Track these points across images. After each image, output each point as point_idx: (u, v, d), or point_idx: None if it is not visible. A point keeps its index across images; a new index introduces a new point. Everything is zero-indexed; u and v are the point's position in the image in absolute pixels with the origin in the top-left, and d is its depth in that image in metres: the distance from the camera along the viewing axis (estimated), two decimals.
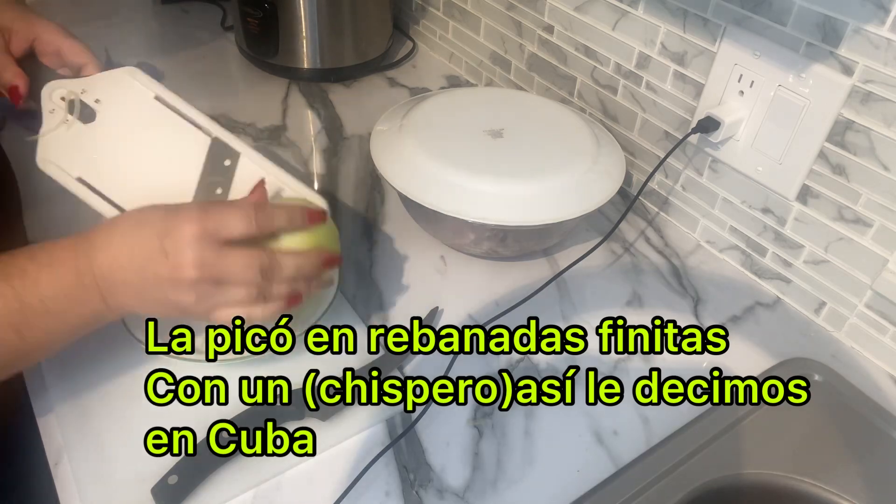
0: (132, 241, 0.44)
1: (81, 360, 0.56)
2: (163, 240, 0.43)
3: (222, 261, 0.44)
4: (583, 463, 0.52)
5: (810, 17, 0.55)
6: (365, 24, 0.97)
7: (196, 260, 0.43)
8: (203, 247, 0.43)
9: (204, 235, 0.43)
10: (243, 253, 0.45)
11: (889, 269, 0.57)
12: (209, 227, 0.44)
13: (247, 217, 0.45)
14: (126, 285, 0.44)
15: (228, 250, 0.45)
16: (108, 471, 0.49)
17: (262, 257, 0.46)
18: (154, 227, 0.44)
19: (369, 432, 0.53)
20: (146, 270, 0.44)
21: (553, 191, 0.62)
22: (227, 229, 0.45)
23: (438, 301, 0.65)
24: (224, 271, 0.44)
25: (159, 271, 0.43)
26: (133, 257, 0.44)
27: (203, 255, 0.43)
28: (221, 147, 0.55)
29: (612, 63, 0.75)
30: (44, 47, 0.57)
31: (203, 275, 0.43)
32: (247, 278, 0.45)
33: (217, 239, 0.44)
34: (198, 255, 0.43)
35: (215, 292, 0.45)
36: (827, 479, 0.52)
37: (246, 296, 0.46)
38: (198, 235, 0.43)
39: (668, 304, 0.67)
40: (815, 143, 0.58)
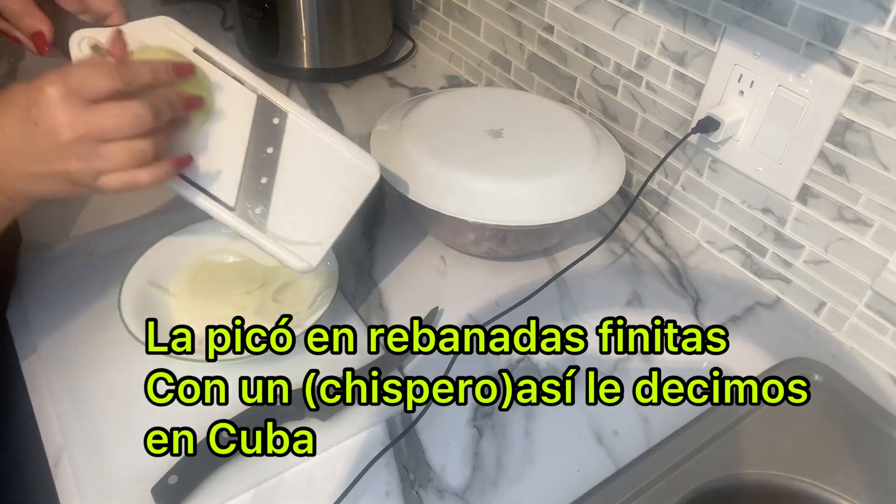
0: (1, 122, 0.43)
1: (81, 360, 0.56)
2: (29, 110, 0.42)
3: (94, 116, 0.43)
4: (583, 463, 0.52)
5: (810, 17, 0.55)
6: (365, 24, 0.97)
7: (67, 121, 0.42)
8: (70, 106, 0.42)
9: (69, 95, 0.42)
10: (114, 104, 0.44)
11: (889, 269, 0.57)
12: (73, 85, 0.42)
13: (109, 72, 0.44)
14: (10, 166, 0.44)
15: (98, 105, 0.43)
16: (107, 471, 0.49)
17: (133, 105, 0.44)
18: (18, 101, 0.43)
19: (369, 432, 0.53)
20: (22, 147, 0.43)
21: (553, 191, 0.62)
22: (91, 85, 0.43)
23: (438, 301, 0.65)
24: (98, 126, 0.43)
25: (34, 143, 0.43)
26: (8, 138, 0.43)
27: (73, 114, 0.42)
28: (268, 105, 0.53)
29: (612, 63, 0.75)
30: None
31: (77, 133, 0.42)
32: (122, 128, 0.44)
33: (83, 97, 0.43)
34: (68, 116, 0.42)
35: (96, 152, 0.44)
36: (827, 479, 0.52)
37: (128, 155, 0.44)
38: (63, 95, 0.42)
39: (668, 304, 0.67)
40: (815, 143, 0.58)
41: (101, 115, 0.43)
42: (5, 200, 0.45)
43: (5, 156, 0.43)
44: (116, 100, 0.44)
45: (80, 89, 0.43)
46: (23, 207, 0.47)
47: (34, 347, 0.57)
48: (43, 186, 0.45)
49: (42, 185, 0.45)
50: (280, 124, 0.54)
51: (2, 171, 0.44)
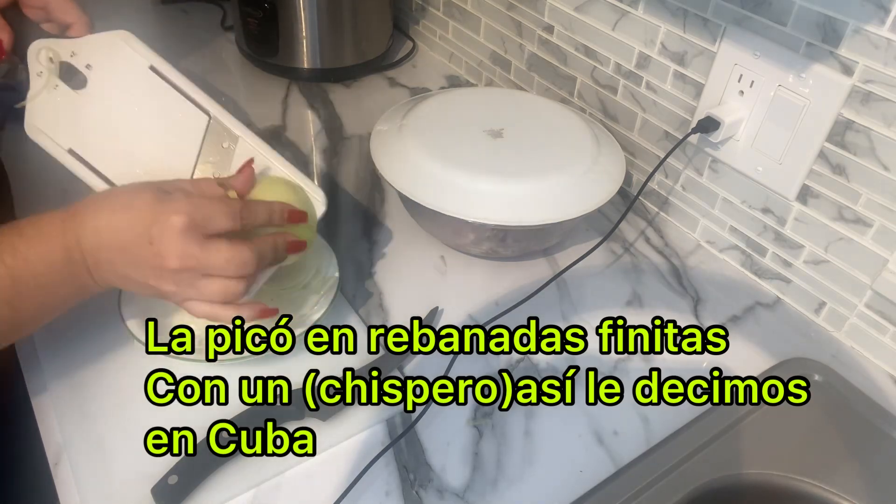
0: (119, 223, 0.44)
1: (81, 361, 0.56)
2: (150, 227, 0.44)
3: (205, 254, 0.45)
4: (583, 463, 0.52)
5: (810, 17, 0.55)
6: (365, 24, 0.97)
7: (180, 252, 0.44)
8: (188, 240, 0.44)
9: (190, 227, 0.44)
10: (226, 245, 0.46)
11: (889, 269, 0.57)
12: (196, 219, 0.44)
13: (233, 214, 0.46)
14: (110, 264, 0.45)
15: (212, 243, 0.45)
16: (108, 471, 0.49)
17: (244, 250, 0.46)
18: (142, 212, 0.44)
19: (369, 432, 0.53)
20: (130, 253, 0.45)
21: (553, 191, 0.62)
22: (214, 224, 0.45)
23: (438, 301, 0.65)
24: (205, 264, 0.45)
25: (143, 256, 0.44)
26: (119, 239, 0.44)
27: (187, 248, 0.44)
28: (220, 128, 0.53)
29: (612, 63, 0.75)
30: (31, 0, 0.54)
31: (184, 266, 0.44)
32: (227, 270, 0.46)
33: (202, 232, 0.45)
34: (182, 247, 0.44)
35: (195, 283, 0.46)
36: (827, 479, 0.52)
37: (221, 294, 0.46)
38: (184, 228, 0.44)
39: (668, 304, 0.67)
40: (815, 143, 0.58)
41: (212, 254, 0.45)
42: (91, 283, 0.47)
43: (112, 253, 0.45)
44: (229, 238, 0.46)
45: (203, 226, 0.45)
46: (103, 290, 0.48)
47: (34, 348, 0.57)
48: (131, 287, 0.48)
49: (130, 286, 0.48)
50: (229, 148, 0.54)
51: (100, 261, 0.45)
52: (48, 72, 0.51)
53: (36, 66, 0.51)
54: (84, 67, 0.52)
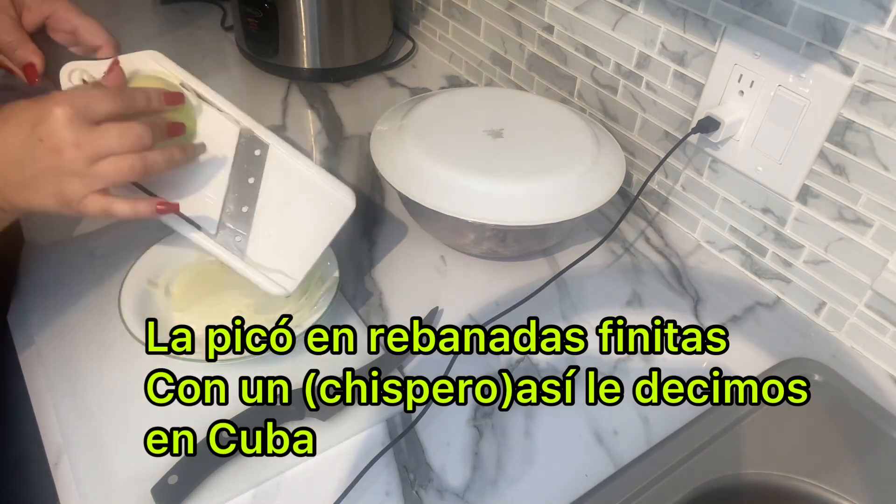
0: (5, 136, 0.44)
1: (81, 361, 0.56)
2: (35, 127, 0.44)
3: (97, 134, 0.45)
4: (583, 463, 0.52)
5: (810, 17, 0.55)
6: (365, 24, 0.97)
7: (72, 139, 0.44)
8: (77, 126, 0.44)
9: (75, 115, 0.44)
10: (116, 124, 0.46)
11: (889, 269, 0.57)
12: (79, 106, 0.44)
13: (112, 96, 0.46)
14: (10, 182, 0.45)
15: (101, 125, 0.45)
16: (107, 471, 0.49)
17: (135, 125, 0.46)
18: (23, 116, 0.44)
19: (369, 432, 0.53)
20: (25, 161, 0.45)
21: (553, 191, 0.62)
22: (96, 108, 0.45)
23: (438, 301, 0.65)
24: (100, 144, 0.45)
25: (36, 158, 0.44)
26: (9, 153, 0.44)
27: (78, 134, 0.44)
28: (250, 137, 0.55)
29: (612, 63, 0.75)
30: (58, 24, 0.55)
31: (81, 151, 0.44)
32: (123, 146, 0.46)
33: (89, 118, 0.45)
34: (73, 134, 0.44)
35: (90, 170, 0.45)
36: (827, 479, 0.52)
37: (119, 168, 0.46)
38: (70, 116, 0.44)
39: (668, 304, 0.67)
40: (815, 143, 0.58)
41: (104, 133, 0.45)
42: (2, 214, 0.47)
43: (9, 169, 0.45)
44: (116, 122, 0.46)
45: (86, 110, 0.45)
46: (13, 218, 0.48)
47: (35, 347, 0.57)
48: (35, 200, 0.47)
49: (34, 199, 0.47)
50: (261, 156, 0.56)
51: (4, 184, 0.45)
52: None
53: (68, 85, 0.52)
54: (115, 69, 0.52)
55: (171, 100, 0.51)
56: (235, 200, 0.55)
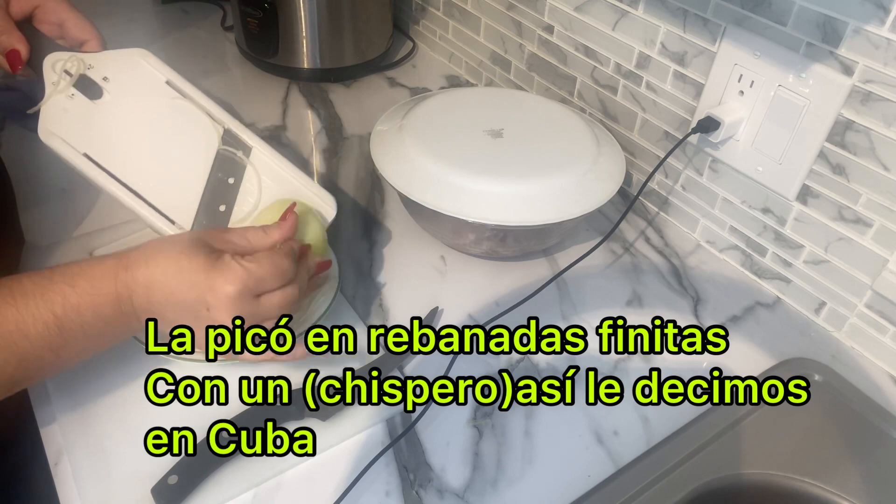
0: (173, 285, 0.45)
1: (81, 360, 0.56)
2: (204, 295, 0.45)
3: (257, 310, 0.47)
4: (583, 463, 0.52)
5: (810, 17, 0.55)
6: (365, 24, 0.97)
7: (234, 312, 0.46)
8: (242, 304, 0.46)
9: (243, 293, 0.46)
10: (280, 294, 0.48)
11: (889, 269, 0.57)
12: (249, 286, 0.46)
13: (284, 275, 0.48)
14: (162, 316, 0.47)
15: (265, 298, 0.48)
16: (108, 471, 0.49)
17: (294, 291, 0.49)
18: (196, 278, 0.45)
19: (369, 432, 0.53)
20: (183, 312, 0.46)
21: (553, 191, 0.62)
22: (265, 287, 0.47)
23: (438, 301, 0.65)
24: (262, 318, 0.48)
25: (198, 314, 0.46)
26: (173, 300, 0.46)
27: (241, 310, 0.46)
28: (233, 138, 0.56)
29: (612, 63, 0.75)
30: (46, 16, 0.55)
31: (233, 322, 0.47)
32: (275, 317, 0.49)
33: (255, 294, 0.47)
34: (236, 310, 0.46)
35: None
36: (827, 479, 0.52)
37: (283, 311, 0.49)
38: (238, 295, 0.45)
39: (668, 304, 0.67)
40: (815, 143, 0.58)
41: (267, 309, 0.48)
42: (139, 327, 0.47)
43: (166, 309, 0.46)
44: None
45: (255, 291, 0.47)
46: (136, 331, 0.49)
47: None
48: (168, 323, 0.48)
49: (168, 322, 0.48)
50: (243, 158, 0.56)
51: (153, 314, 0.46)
52: (64, 82, 0.52)
53: (51, 75, 0.52)
54: (101, 80, 0.53)
55: (321, 269, 0.55)
56: (213, 199, 0.55)
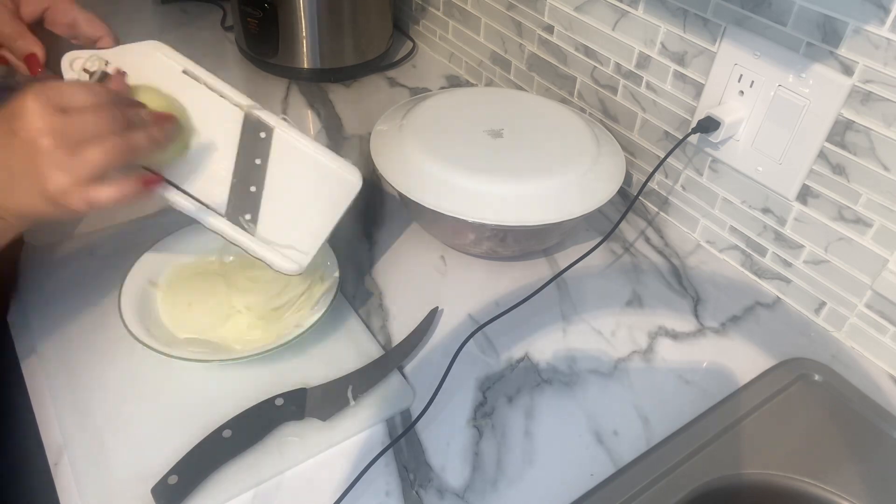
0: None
1: (81, 361, 0.56)
2: (10, 122, 0.43)
3: (70, 117, 0.43)
4: (583, 463, 0.52)
5: (810, 17, 0.55)
6: (365, 24, 0.97)
7: (44, 125, 0.42)
8: (49, 112, 0.42)
9: (48, 104, 0.42)
10: (89, 109, 0.44)
11: (889, 269, 0.57)
12: (51, 95, 0.43)
13: (86, 86, 0.45)
14: None
15: (74, 110, 0.44)
16: (108, 471, 0.49)
17: (108, 108, 0.45)
18: (2, 116, 0.43)
19: (369, 432, 0.53)
20: (5, 160, 0.43)
21: (553, 191, 0.62)
22: (70, 97, 0.44)
23: (438, 301, 0.65)
24: (76, 127, 0.43)
25: (16, 154, 0.43)
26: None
27: (51, 119, 0.42)
28: (255, 120, 0.56)
29: (612, 63, 0.75)
30: (57, 17, 0.55)
31: (55, 137, 0.42)
32: (99, 126, 0.44)
33: (62, 107, 0.43)
34: (45, 120, 0.42)
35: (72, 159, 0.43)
36: (827, 479, 0.52)
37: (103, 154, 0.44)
38: (42, 104, 0.42)
39: (668, 304, 0.67)
40: (815, 143, 0.58)
41: (79, 118, 0.43)
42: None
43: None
44: None
45: (60, 99, 0.43)
46: (18, 226, 0.47)
47: (34, 348, 0.57)
48: (23, 201, 0.45)
49: (23, 200, 0.45)
50: (267, 138, 0.57)
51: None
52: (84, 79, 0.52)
53: (70, 74, 0.52)
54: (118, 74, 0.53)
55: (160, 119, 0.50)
56: (243, 181, 0.55)
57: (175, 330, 0.56)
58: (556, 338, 0.62)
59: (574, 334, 0.63)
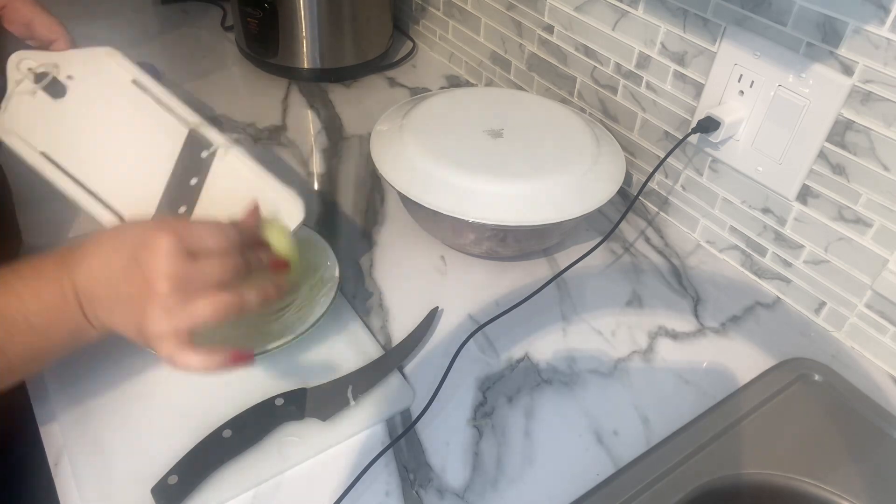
0: (110, 253, 0.43)
1: (81, 361, 0.56)
2: (137, 250, 0.42)
3: (194, 266, 0.42)
4: (583, 463, 0.52)
5: (810, 17, 0.55)
6: (365, 24, 0.97)
7: (168, 271, 0.41)
8: (176, 258, 0.42)
9: (179, 246, 0.42)
10: (220, 256, 0.44)
11: (889, 269, 0.57)
12: (184, 236, 0.42)
13: (221, 231, 0.45)
14: (101, 299, 0.43)
15: (201, 257, 0.43)
16: (108, 471, 0.49)
17: (236, 258, 0.45)
18: (130, 239, 0.43)
19: (369, 432, 0.53)
20: (119, 283, 0.42)
21: (553, 191, 0.62)
22: (203, 242, 0.44)
23: (438, 301, 0.65)
24: (195, 276, 0.43)
25: (132, 282, 0.42)
26: (109, 269, 0.43)
27: (176, 266, 0.42)
28: (199, 138, 0.54)
29: (612, 63, 0.75)
30: (13, 15, 0.53)
31: (174, 286, 0.42)
32: (215, 276, 0.43)
33: (192, 250, 0.43)
34: (170, 265, 0.41)
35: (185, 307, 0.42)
36: (827, 479, 0.52)
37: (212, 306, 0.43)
38: (172, 246, 0.42)
39: (668, 304, 0.67)
40: (815, 143, 0.58)
41: (202, 266, 0.43)
42: (85, 323, 0.44)
43: (102, 287, 0.43)
44: None
45: (190, 241, 0.43)
46: (99, 335, 0.45)
47: None
48: (117, 322, 0.44)
49: (117, 321, 0.44)
50: (208, 158, 0.54)
51: (92, 297, 0.43)
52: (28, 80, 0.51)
53: (15, 74, 0.51)
54: (65, 78, 0.52)
55: (277, 266, 0.49)
56: (172, 200, 0.53)
57: None
58: (556, 338, 0.62)
59: (574, 334, 0.63)
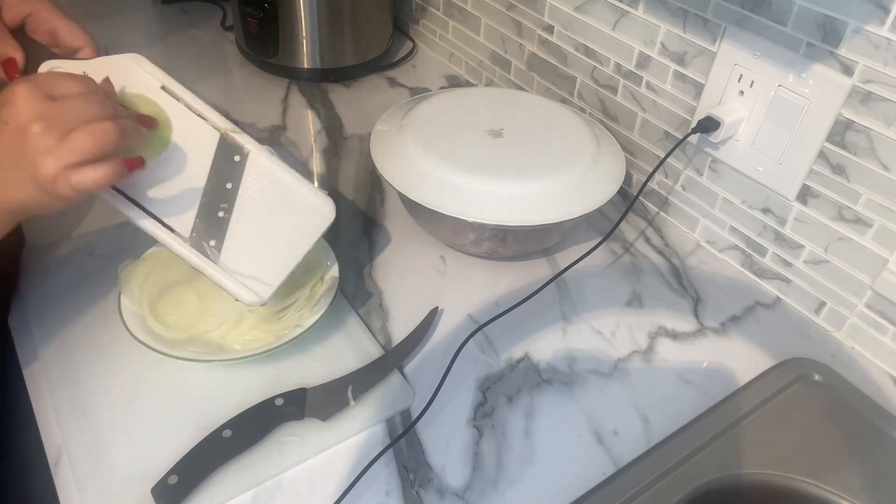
0: None
1: (82, 361, 0.56)
2: (0, 113, 0.43)
3: (59, 103, 0.44)
4: (583, 463, 0.52)
5: (810, 17, 0.55)
6: (365, 24, 0.97)
7: (33, 111, 0.43)
8: (37, 99, 0.43)
9: (38, 91, 0.43)
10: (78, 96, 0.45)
11: (889, 269, 0.57)
12: (40, 83, 0.44)
13: (76, 77, 0.46)
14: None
15: (65, 97, 0.44)
16: (107, 470, 0.49)
17: (98, 96, 0.45)
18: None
19: (369, 432, 0.53)
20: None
21: (553, 191, 0.62)
22: (59, 86, 0.45)
23: (438, 301, 0.65)
24: (68, 113, 0.44)
25: (7, 143, 0.43)
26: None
27: (42, 107, 0.43)
28: (230, 143, 0.55)
29: (612, 63, 0.75)
30: (38, 24, 0.54)
31: (46, 124, 0.43)
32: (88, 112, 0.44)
33: (50, 94, 0.44)
34: (34, 106, 0.43)
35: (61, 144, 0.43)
36: (827, 479, 0.52)
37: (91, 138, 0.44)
38: (31, 91, 0.43)
39: (668, 304, 0.67)
40: (815, 143, 0.58)
41: (67, 102, 0.44)
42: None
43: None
44: None
45: (50, 88, 0.44)
46: (9, 220, 0.47)
47: (35, 349, 0.57)
48: (13, 192, 0.45)
49: (13, 191, 0.45)
50: (241, 162, 0.55)
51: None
52: None
53: None
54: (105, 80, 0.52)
55: (144, 122, 0.50)
56: (211, 204, 0.54)
57: (175, 330, 0.56)
58: (556, 338, 0.62)
59: (574, 334, 0.63)
